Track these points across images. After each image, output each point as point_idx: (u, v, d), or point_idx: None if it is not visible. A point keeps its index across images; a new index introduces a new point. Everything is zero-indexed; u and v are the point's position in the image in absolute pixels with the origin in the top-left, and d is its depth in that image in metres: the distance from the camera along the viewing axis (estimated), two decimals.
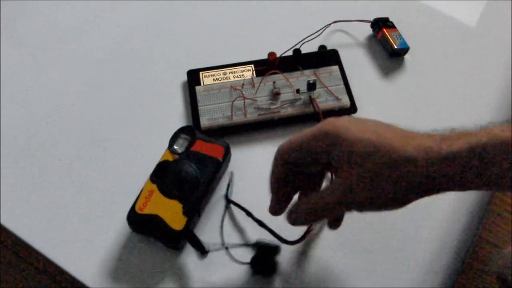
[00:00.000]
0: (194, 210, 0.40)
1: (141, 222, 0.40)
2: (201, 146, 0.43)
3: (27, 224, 0.43)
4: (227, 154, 0.44)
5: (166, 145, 0.44)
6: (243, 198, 0.44)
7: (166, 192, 0.40)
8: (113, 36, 0.54)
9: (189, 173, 0.41)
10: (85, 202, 0.44)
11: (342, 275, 0.41)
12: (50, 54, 0.53)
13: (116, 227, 0.43)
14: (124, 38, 0.54)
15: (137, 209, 0.40)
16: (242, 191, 0.44)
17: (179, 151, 0.42)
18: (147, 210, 0.40)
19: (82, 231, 0.43)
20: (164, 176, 0.41)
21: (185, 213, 0.39)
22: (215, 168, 0.42)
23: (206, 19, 0.56)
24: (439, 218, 0.43)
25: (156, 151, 0.45)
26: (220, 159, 0.43)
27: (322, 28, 0.53)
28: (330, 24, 0.53)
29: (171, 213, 0.39)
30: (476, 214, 0.46)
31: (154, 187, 0.41)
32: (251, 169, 0.46)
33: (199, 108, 0.47)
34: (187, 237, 0.39)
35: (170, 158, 0.42)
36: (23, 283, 0.63)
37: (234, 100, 0.47)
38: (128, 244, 0.42)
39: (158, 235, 0.40)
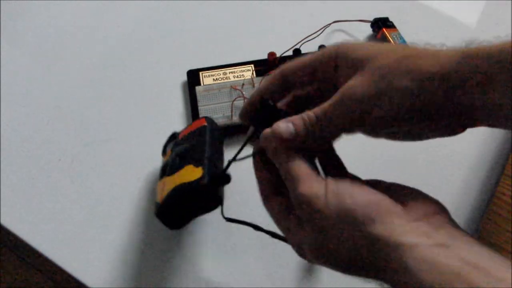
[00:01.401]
0: (208, 159, 0.37)
1: (170, 205, 0.37)
2: (183, 133, 0.42)
3: (27, 224, 0.43)
4: (211, 122, 0.42)
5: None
6: (243, 198, 0.44)
7: (175, 169, 0.38)
8: (113, 36, 0.54)
9: (186, 146, 0.39)
10: (85, 202, 0.44)
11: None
12: (50, 54, 0.53)
13: (116, 226, 0.43)
14: (124, 38, 0.54)
15: (160, 200, 0.37)
16: (242, 191, 0.44)
17: (169, 149, 0.42)
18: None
19: (82, 231, 0.43)
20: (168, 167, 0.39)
21: (200, 165, 0.36)
22: (206, 131, 0.40)
23: (206, 19, 0.56)
24: None
25: (156, 151, 0.45)
26: (204, 124, 0.41)
27: (322, 28, 0.53)
28: (330, 24, 0.53)
29: (190, 174, 0.36)
30: (476, 214, 0.46)
31: (164, 179, 0.39)
32: (251, 169, 0.46)
33: (199, 108, 0.47)
34: (220, 177, 0.36)
35: (166, 158, 0.42)
36: (23, 283, 0.63)
37: (234, 100, 0.47)
38: (128, 244, 0.42)
39: (191, 198, 0.36)
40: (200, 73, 0.50)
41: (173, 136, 0.43)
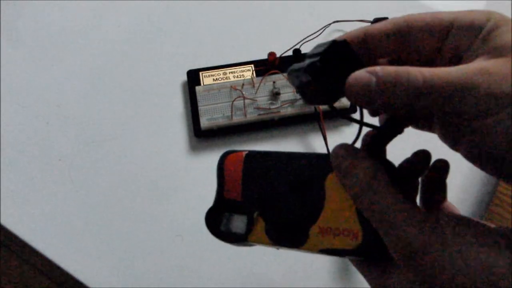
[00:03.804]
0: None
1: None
2: (232, 192, 0.27)
3: (27, 224, 0.43)
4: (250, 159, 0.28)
5: (165, 145, 0.44)
6: None
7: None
8: (113, 36, 0.54)
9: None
10: (85, 201, 0.44)
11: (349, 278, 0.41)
12: (50, 54, 0.53)
13: (116, 226, 0.43)
14: (124, 38, 0.54)
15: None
16: None
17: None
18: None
19: (82, 231, 0.43)
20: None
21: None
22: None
23: (206, 19, 0.56)
24: None
25: (155, 151, 0.45)
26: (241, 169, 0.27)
27: (322, 28, 0.53)
28: (330, 24, 0.53)
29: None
30: (476, 214, 0.46)
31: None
32: None
33: (199, 108, 0.47)
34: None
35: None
36: (23, 283, 0.63)
37: (234, 100, 0.47)
38: (128, 244, 0.42)
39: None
40: (200, 73, 0.50)
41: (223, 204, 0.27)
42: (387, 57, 0.25)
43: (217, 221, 0.26)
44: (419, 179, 0.27)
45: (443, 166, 0.26)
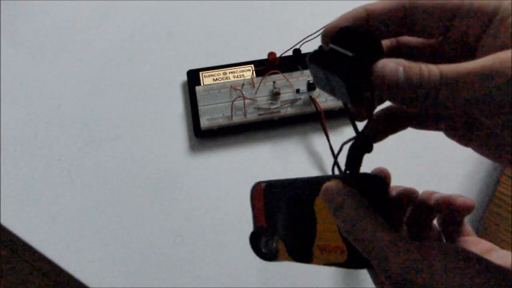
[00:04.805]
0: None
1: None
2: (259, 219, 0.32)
3: (27, 224, 0.43)
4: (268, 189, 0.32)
5: (165, 145, 0.44)
6: (243, 200, 0.44)
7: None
8: (113, 36, 0.54)
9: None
10: (85, 202, 0.44)
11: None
12: (50, 54, 0.53)
13: (116, 226, 0.43)
14: (124, 38, 0.54)
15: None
16: (242, 192, 0.44)
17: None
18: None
19: (82, 231, 0.43)
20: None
21: None
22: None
23: (206, 19, 0.56)
24: None
25: (156, 151, 0.45)
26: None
27: (322, 28, 0.53)
28: None
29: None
30: (476, 214, 0.46)
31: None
32: (251, 169, 0.46)
33: (199, 108, 0.47)
34: None
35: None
36: (23, 283, 0.63)
37: (234, 100, 0.47)
38: (128, 244, 0.42)
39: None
40: (200, 73, 0.50)
41: (258, 234, 0.31)
42: (389, 37, 0.24)
43: (258, 244, 0.30)
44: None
45: (468, 209, 0.28)
